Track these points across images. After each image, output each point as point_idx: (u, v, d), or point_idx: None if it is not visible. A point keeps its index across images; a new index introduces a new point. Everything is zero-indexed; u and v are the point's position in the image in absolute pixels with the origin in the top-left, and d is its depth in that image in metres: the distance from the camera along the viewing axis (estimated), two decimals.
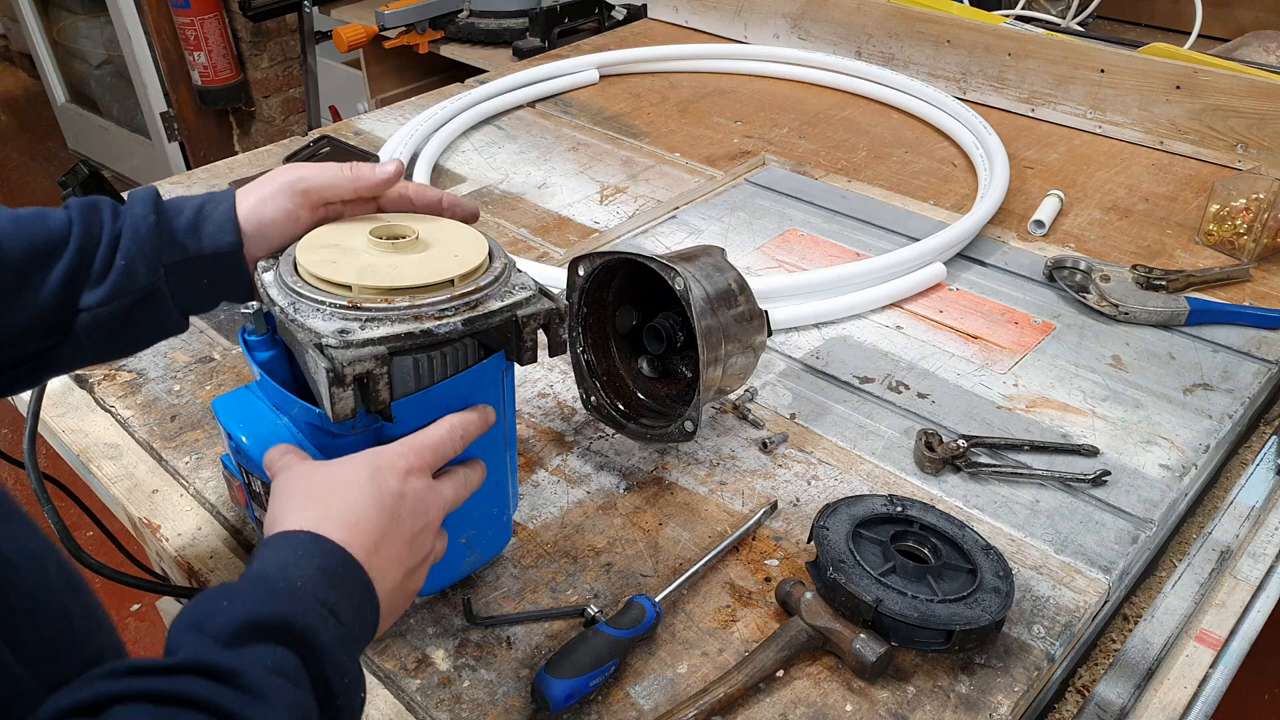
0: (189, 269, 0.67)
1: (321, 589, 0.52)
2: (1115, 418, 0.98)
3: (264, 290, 0.66)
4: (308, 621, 0.49)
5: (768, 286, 1.12)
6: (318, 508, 0.57)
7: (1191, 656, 0.79)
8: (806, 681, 0.73)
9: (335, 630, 0.51)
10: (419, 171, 1.41)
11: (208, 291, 0.69)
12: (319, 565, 0.53)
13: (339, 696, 0.50)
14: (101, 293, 0.64)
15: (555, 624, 0.77)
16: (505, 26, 2.14)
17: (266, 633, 0.48)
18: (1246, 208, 1.24)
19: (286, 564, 0.53)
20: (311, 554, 0.54)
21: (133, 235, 0.65)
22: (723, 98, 1.75)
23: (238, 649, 0.47)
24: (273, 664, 0.47)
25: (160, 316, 0.68)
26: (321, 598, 0.51)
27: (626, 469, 0.92)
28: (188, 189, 1.44)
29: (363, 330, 0.61)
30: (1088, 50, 1.56)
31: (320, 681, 0.49)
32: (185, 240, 0.67)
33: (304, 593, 0.51)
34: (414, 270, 0.65)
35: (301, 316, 0.62)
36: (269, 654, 0.47)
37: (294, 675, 0.48)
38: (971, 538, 0.79)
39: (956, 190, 1.43)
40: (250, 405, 0.68)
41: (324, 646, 0.49)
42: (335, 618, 0.51)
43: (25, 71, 4.63)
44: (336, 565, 0.54)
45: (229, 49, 3.23)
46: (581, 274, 0.91)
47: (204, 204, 0.68)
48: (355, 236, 0.68)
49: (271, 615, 0.49)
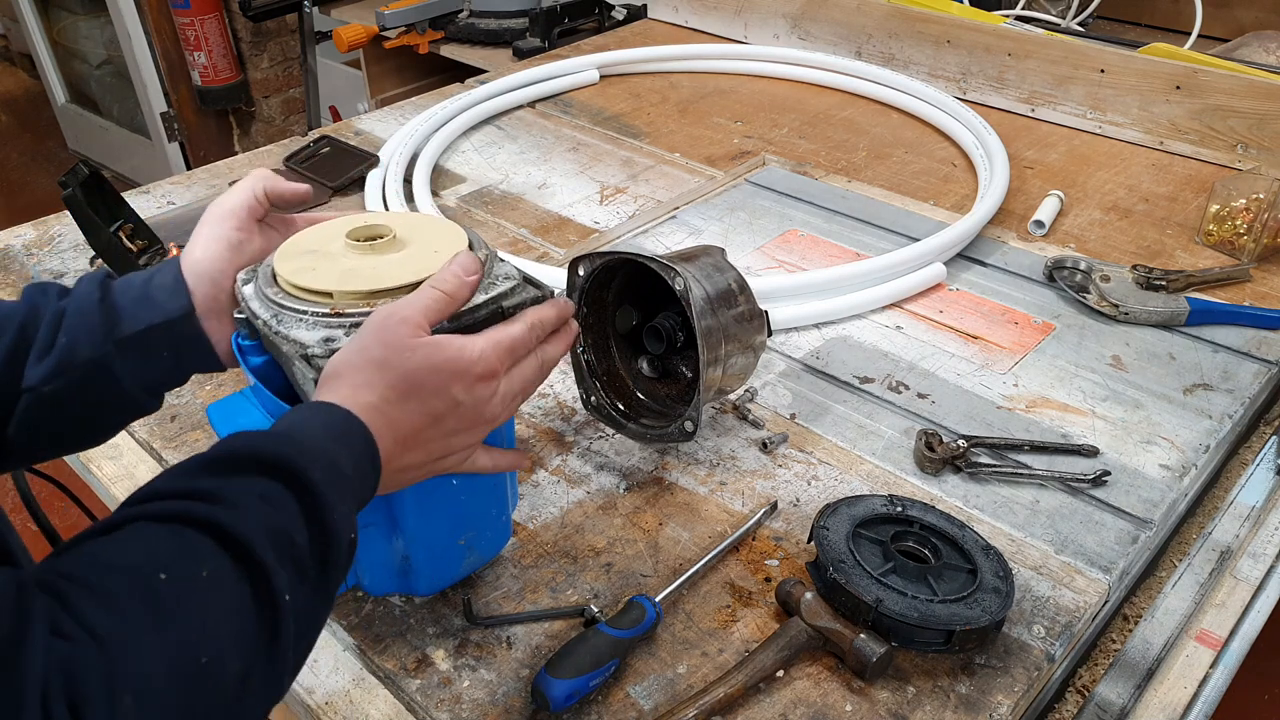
0: (142, 341, 0.64)
1: (324, 440, 0.54)
2: (1115, 418, 0.98)
3: (245, 303, 0.64)
4: (301, 460, 0.51)
5: (768, 286, 1.12)
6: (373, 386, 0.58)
7: (1191, 656, 0.79)
8: (806, 681, 0.73)
9: (330, 474, 0.52)
10: (419, 171, 1.41)
11: (171, 363, 0.66)
12: (324, 423, 0.55)
13: (331, 533, 0.51)
14: (43, 370, 0.61)
15: (555, 624, 0.77)
16: (505, 26, 2.14)
17: (260, 466, 0.50)
18: (1246, 208, 1.24)
19: (294, 421, 0.55)
20: (324, 416, 0.55)
21: (76, 311, 0.63)
22: (723, 98, 1.75)
23: (223, 476, 0.49)
24: (260, 491, 0.49)
25: (118, 397, 0.65)
26: (322, 447, 0.53)
27: (626, 469, 0.92)
28: (188, 189, 1.44)
29: (347, 337, 0.60)
30: (1088, 50, 1.56)
31: (313, 513, 0.50)
32: (135, 311, 0.64)
33: (305, 439, 0.53)
34: (395, 271, 0.64)
35: (285, 328, 0.61)
36: (255, 483, 0.49)
37: (279, 501, 0.49)
38: (971, 538, 0.79)
39: (956, 190, 1.43)
40: (244, 411, 0.68)
41: (316, 483, 0.50)
42: (334, 466, 0.53)
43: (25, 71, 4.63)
44: (343, 427, 0.55)
45: (229, 49, 3.23)
46: (581, 274, 0.91)
47: (152, 275, 0.66)
48: (332, 241, 0.67)
49: (263, 451, 0.51)
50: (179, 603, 0.43)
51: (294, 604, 0.47)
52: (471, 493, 0.73)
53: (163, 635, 0.42)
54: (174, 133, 3.41)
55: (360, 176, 1.41)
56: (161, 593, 0.43)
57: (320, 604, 0.52)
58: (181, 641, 0.43)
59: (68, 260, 1.26)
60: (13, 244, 1.30)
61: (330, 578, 0.51)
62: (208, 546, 0.46)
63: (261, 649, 0.46)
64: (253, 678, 0.45)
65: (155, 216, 1.35)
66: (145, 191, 1.43)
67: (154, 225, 1.15)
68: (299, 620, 0.48)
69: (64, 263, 1.25)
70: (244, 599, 0.46)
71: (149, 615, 0.42)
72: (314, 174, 1.43)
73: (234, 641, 0.45)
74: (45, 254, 1.28)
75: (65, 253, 1.28)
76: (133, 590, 0.43)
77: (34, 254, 1.28)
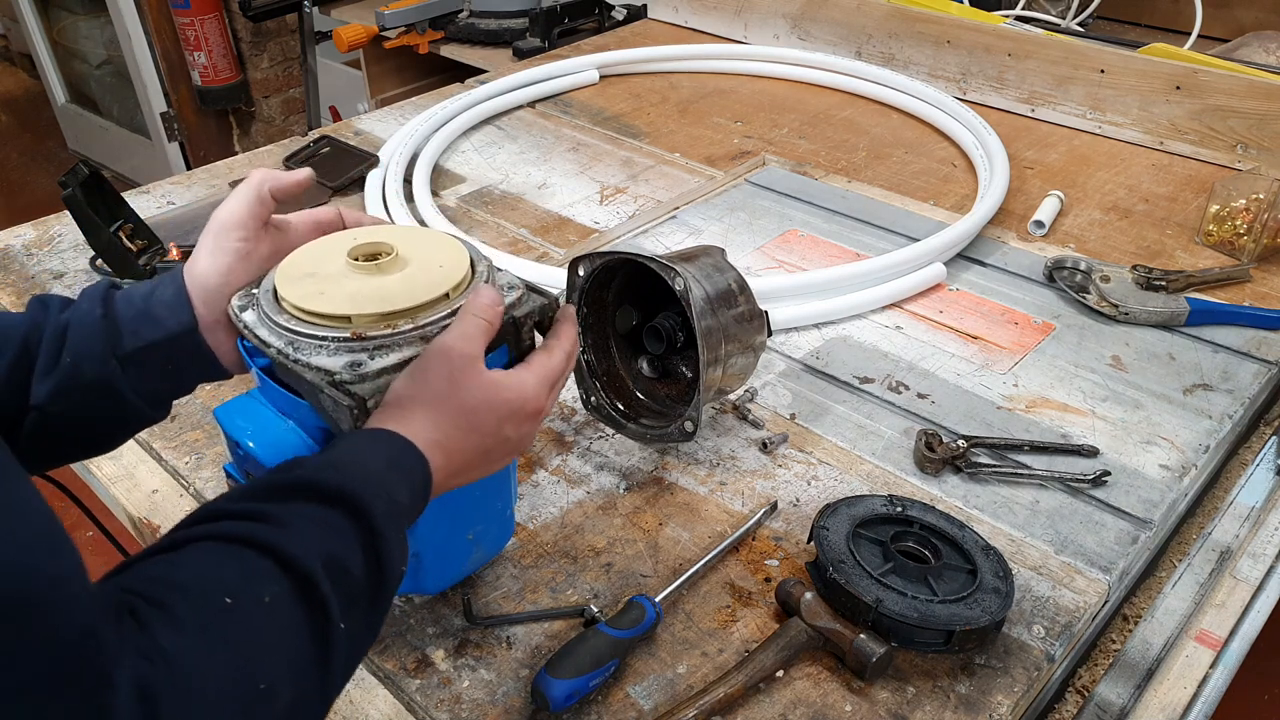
0: (145, 356, 0.64)
1: (385, 470, 0.55)
2: (1115, 418, 0.98)
3: (249, 332, 0.63)
4: (364, 492, 0.52)
5: (768, 286, 1.12)
6: (438, 423, 0.59)
7: (1191, 657, 0.79)
8: (806, 682, 0.73)
9: (388, 506, 0.53)
10: (419, 171, 1.41)
11: (174, 376, 0.67)
12: (387, 454, 0.56)
13: (385, 566, 0.52)
14: (48, 389, 0.62)
15: (555, 624, 0.77)
16: (505, 26, 2.14)
17: (322, 495, 0.51)
18: (1246, 208, 1.24)
19: (357, 449, 0.56)
20: (386, 447, 0.57)
21: (80, 329, 0.63)
22: (723, 98, 1.75)
23: (285, 502, 0.50)
24: (320, 519, 0.50)
25: (123, 411, 0.65)
26: (382, 478, 0.54)
27: (626, 469, 0.92)
28: (188, 189, 1.44)
29: (373, 360, 0.60)
30: (1088, 50, 1.56)
31: (370, 546, 0.51)
32: (138, 327, 0.64)
33: (367, 470, 0.54)
34: (405, 289, 0.63)
35: (305, 356, 0.60)
36: (316, 511, 0.50)
37: (339, 531, 0.50)
38: (971, 538, 0.79)
39: (956, 190, 1.43)
40: (253, 411, 0.68)
41: (376, 516, 0.52)
42: (392, 498, 0.54)
43: (25, 71, 4.63)
44: (404, 458, 0.57)
45: (229, 49, 3.23)
46: (581, 274, 0.91)
47: (154, 289, 0.66)
48: (330, 261, 0.66)
49: (327, 482, 0.52)
50: (244, 627, 0.44)
51: (346, 632, 0.48)
52: (483, 487, 0.72)
53: (228, 659, 0.43)
54: (174, 133, 3.41)
55: (360, 176, 1.41)
56: (227, 616, 0.44)
57: (368, 633, 0.53)
58: (244, 666, 0.44)
59: (68, 260, 1.26)
60: (13, 244, 1.30)
61: (380, 608, 0.53)
62: (270, 572, 0.46)
63: (314, 676, 0.47)
64: (302, 703, 0.46)
65: (155, 216, 1.35)
66: (145, 191, 1.43)
67: (154, 225, 1.15)
68: (349, 648, 0.49)
69: (64, 263, 1.25)
70: (302, 626, 0.46)
71: (216, 638, 0.43)
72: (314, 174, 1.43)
73: (290, 668, 0.46)
74: (45, 254, 1.28)
75: (65, 253, 1.28)
76: (200, 612, 0.43)
77: (34, 254, 1.28)
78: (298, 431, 0.66)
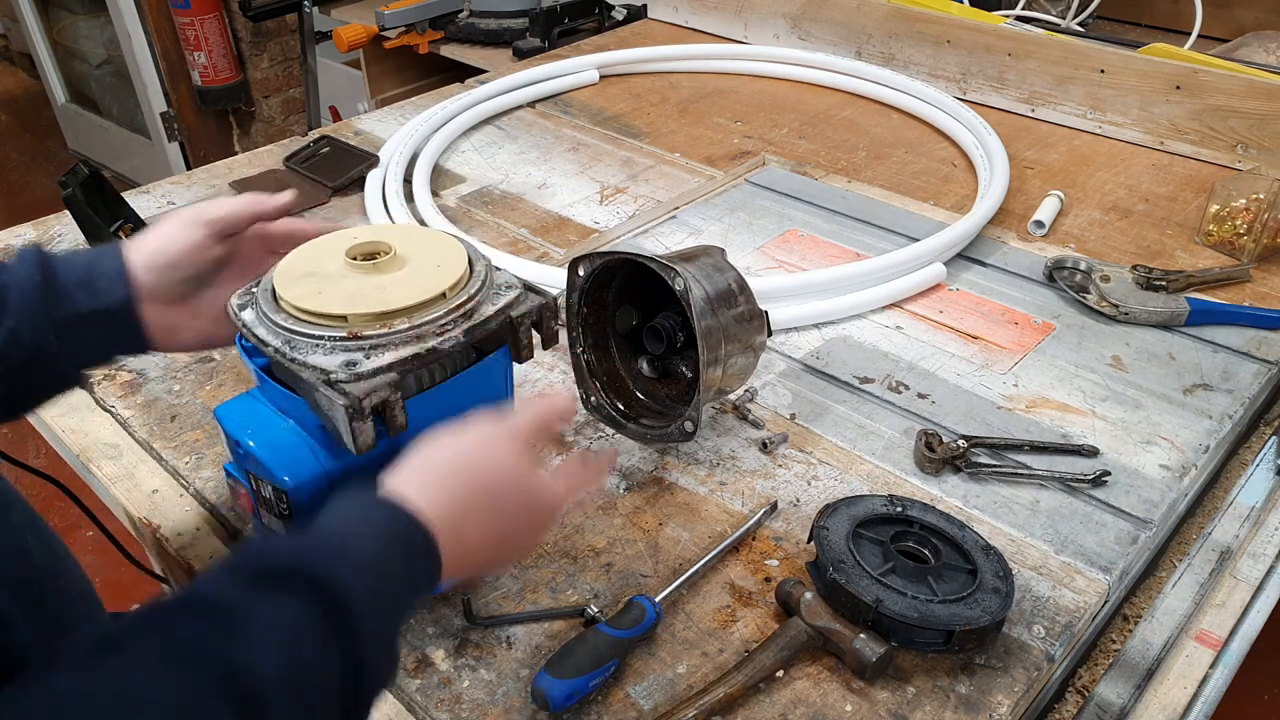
0: (80, 325, 0.65)
1: (379, 546, 0.52)
2: (1115, 418, 0.98)
3: (248, 330, 0.64)
4: (342, 579, 0.48)
5: (768, 286, 1.12)
6: (427, 479, 0.57)
7: (1191, 657, 0.79)
8: (806, 682, 0.73)
9: (375, 592, 0.50)
10: (419, 171, 1.41)
11: (100, 347, 0.68)
12: (388, 530, 0.53)
13: (361, 665, 0.48)
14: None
15: (555, 624, 0.77)
16: (505, 26, 2.14)
17: (304, 584, 0.47)
18: (1246, 208, 1.24)
19: (349, 516, 0.53)
20: (388, 522, 0.54)
21: (19, 294, 0.63)
22: (723, 98, 1.75)
23: (260, 591, 0.46)
24: (291, 619, 0.46)
25: (50, 375, 0.66)
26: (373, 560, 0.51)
27: (626, 469, 0.92)
28: (188, 189, 1.44)
29: (369, 360, 0.60)
30: (1088, 50, 1.56)
31: (347, 642, 0.47)
32: (76, 296, 0.65)
33: (354, 550, 0.50)
34: (403, 289, 0.64)
35: (302, 355, 0.61)
36: (288, 607, 0.46)
37: (312, 631, 0.46)
38: (971, 538, 0.79)
39: (956, 190, 1.43)
40: (254, 410, 0.68)
41: (352, 608, 0.48)
42: (385, 577, 0.51)
43: (25, 71, 4.63)
44: (409, 536, 0.54)
45: (229, 49, 3.23)
46: (581, 274, 0.91)
47: (95, 259, 0.67)
48: (329, 260, 0.66)
49: (310, 567, 0.48)
50: None
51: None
52: None
53: None
54: (174, 133, 3.41)
55: (360, 176, 1.41)
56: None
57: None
58: None
59: None
60: (13, 244, 1.30)
61: (361, 702, 0.49)
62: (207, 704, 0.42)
63: None
64: None
65: (155, 216, 1.35)
66: (145, 191, 1.43)
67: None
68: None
69: None
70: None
71: None
72: (314, 174, 1.43)
73: None
74: None
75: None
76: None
77: None
78: (298, 430, 0.66)
